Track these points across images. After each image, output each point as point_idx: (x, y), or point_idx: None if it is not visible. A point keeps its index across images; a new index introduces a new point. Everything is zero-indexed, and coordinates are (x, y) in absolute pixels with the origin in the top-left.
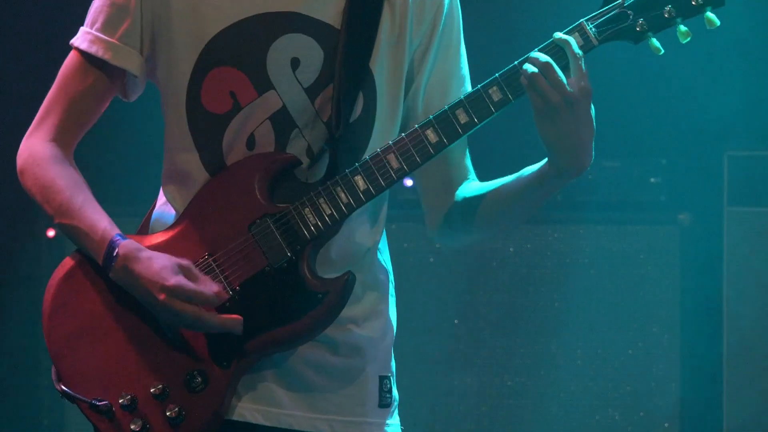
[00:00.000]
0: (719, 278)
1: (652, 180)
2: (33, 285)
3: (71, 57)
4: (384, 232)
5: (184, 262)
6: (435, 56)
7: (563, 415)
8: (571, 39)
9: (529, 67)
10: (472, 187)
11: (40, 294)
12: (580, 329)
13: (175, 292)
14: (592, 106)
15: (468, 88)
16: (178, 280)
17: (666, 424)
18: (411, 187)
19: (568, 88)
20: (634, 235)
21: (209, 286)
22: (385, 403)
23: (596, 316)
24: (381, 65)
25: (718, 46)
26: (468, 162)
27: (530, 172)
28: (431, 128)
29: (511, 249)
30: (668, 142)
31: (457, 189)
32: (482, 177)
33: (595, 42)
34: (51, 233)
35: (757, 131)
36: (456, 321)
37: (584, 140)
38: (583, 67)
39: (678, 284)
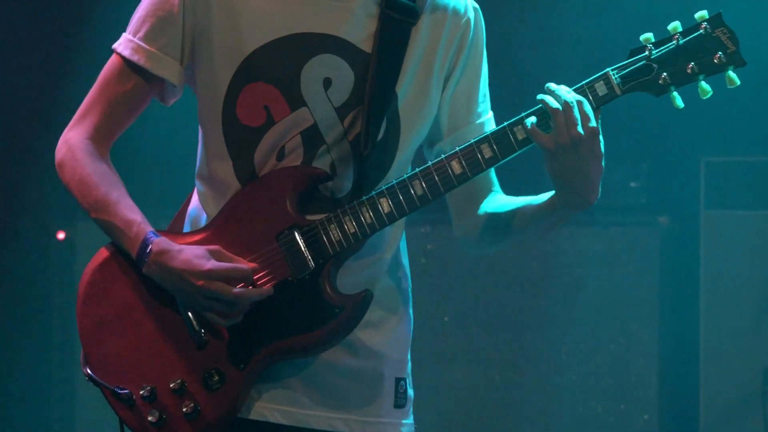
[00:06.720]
0: (696, 278)
1: (633, 184)
2: (42, 286)
3: (113, 61)
4: (404, 236)
5: (213, 246)
6: (460, 76)
7: (548, 408)
8: (578, 98)
9: (552, 102)
10: (494, 203)
11: (50, 295)
12: (564, 326)
13: (211, 275)
14: (602, 145)
15: (488, 106)
16: (212, 263)
17: (646, 416)
18: None
19: (580, 129)
20: (615, 236)
21: (243, 263)
22: (400, 404)
23: (579, 313)
24: (406, 90)
25: None
26: (492, 174)
27: (543, 200)
28: (456, 160)
29: None
30: (648, 148)
31: (482, 202)
32: (503, 181)
33: (618, 91)
34: (61, 236)
35: (733, 138)
36: (446, 318)
37: (590, 178)
38: (590, 112)
39: (657, 283)
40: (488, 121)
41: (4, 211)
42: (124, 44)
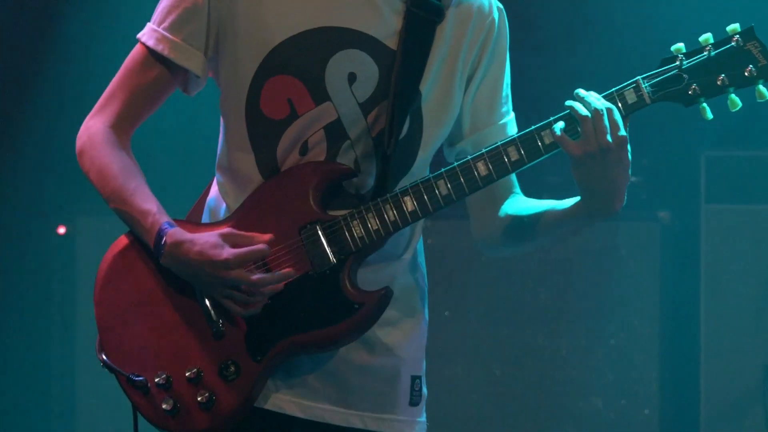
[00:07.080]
0: (697, 272)
1: (633, 179)
2: (43, 280)
3: (137, 50)
4: (421, 235)
5: (225, 230)
6: (483, 76)
7: (548, 403)
8: (609, 105)
9: (581, 109)
10: (515, 205)
11: (51, 289)
12: (564, 321)
13: (229, 264)
14: (630, 153)
15: (510, 107)
16: (228, 252)
17: (646, 411)
18: None
19: (608, 138)
20: (616, 231)
21: (257, 243)
22: (415, 402)
23: (580, 308)
24: (430, 88)
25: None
26: (512, 176)
27: (567, 206)
28: (482, 161)
29: None
30: (649, 143)
31: (502, 203)
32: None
33: (648, 100)
34: (62, 230)
35: (733, 133)
36: (447, 313)
37: (616, 186)
38: (619, 120)
39: (658, 278)
40: (510, 122)
41: (4, 205)
42: (148, 34)
